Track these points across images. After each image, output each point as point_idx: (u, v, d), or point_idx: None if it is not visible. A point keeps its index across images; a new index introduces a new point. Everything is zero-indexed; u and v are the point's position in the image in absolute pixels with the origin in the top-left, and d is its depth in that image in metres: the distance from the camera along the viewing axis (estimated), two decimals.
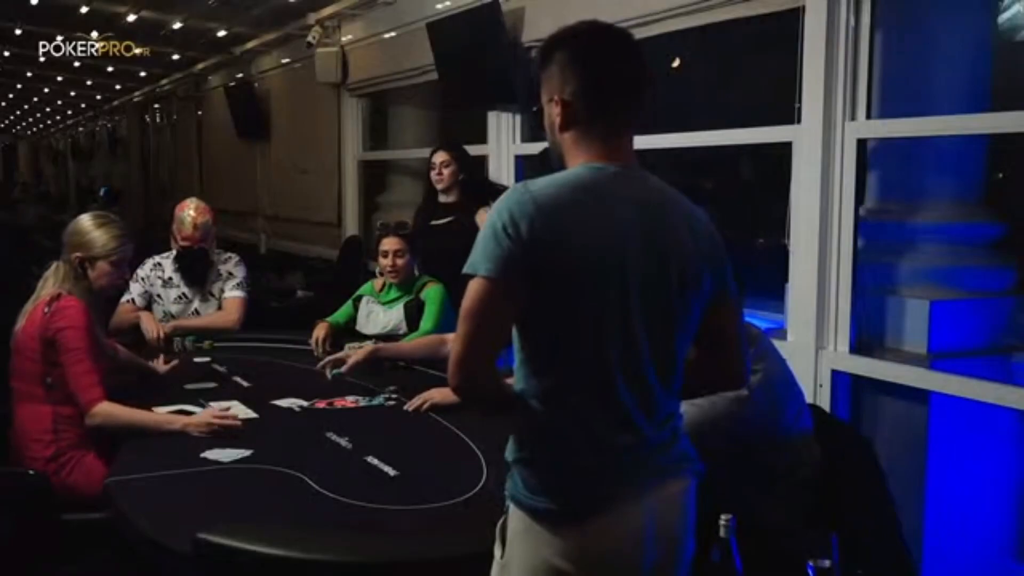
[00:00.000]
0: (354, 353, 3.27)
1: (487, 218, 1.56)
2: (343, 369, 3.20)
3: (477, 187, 4.45)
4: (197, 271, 4.03)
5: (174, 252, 4.08)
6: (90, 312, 2.80)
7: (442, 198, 4.46)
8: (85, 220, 2.96)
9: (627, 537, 1.56)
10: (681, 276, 1.60)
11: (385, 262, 3.79)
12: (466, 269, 1.54)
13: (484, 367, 1.56)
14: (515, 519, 1.61)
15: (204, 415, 2.70)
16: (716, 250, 1.67)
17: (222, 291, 4.07)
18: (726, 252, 1.69)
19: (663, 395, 1.61)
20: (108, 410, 2.66)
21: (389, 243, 3.78)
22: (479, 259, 1.52)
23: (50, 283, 2.84)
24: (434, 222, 4.43)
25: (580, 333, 1.54)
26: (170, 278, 4.05)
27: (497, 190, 4.47)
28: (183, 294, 4.05)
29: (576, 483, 1.56)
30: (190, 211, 4.03)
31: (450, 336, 3.18)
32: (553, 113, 1.65)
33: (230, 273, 4.12)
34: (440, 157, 4.41)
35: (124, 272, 3.01)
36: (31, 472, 2.61)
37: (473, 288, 1.53)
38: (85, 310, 2.76)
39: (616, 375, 1.55)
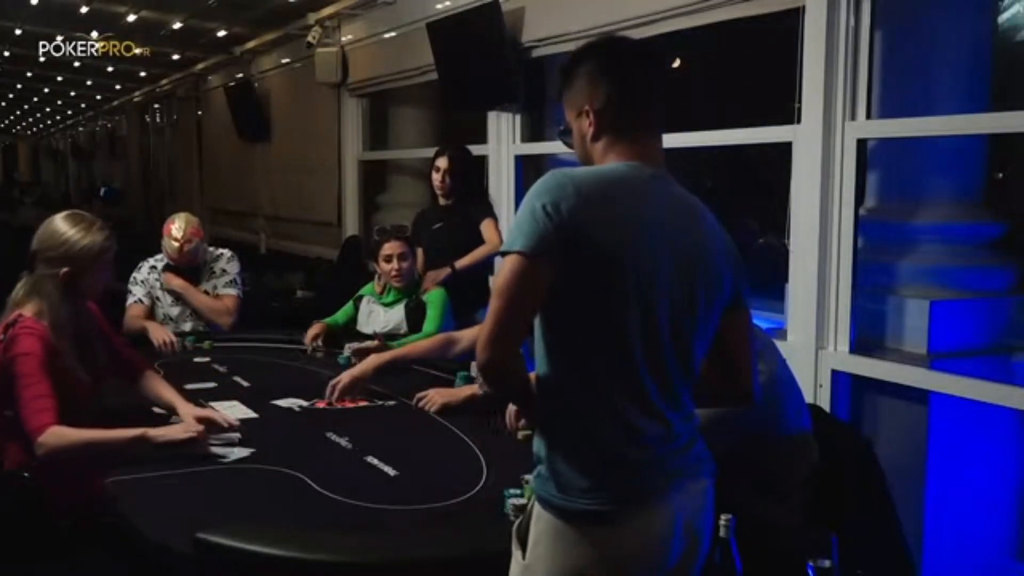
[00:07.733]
0: (359, 363, 3.07)
1: (525, 200, 1.58)
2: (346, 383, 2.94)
3: (473, 194, 4.44)
4: (186, 276, 4.02)
5: (164, 261, 4.06)
6: (57, 333, 2.48)
7: (441, 201, 4.46)
8: (63, 226, 2.56)
9: (657, 539, 1.58)
10: (706, 279, 1.63)
11: (389, 266, 3.75)
12: (503, 248, 1.57)
13: (513, 345, 1.57)
14: (542, 520, 1.59)
15: (177, 427, 2.49)
16: (735, 258, 1.72)
17: (215, 288, 4.06)
18: (742, 261, 1.73)
19: (684, 390, 1.64)
20: (58, 432, 2.33)
21: (391, 247, 3.75)
22: (515, 237, 1.54)
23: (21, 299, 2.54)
24: (434, 226, 4.43)
25: (603, 320, 1.55)
26: None
27: (487, 202, 4.49)
28: (180, 296, 4.04)
29: (610, 479, 1.56)
30: (175, 237, 3.94)
31: (458, 334, 3.20)
32: (584, 125, 1.69)
33: (223, 270, 4.11)
34: (442, 163, 4.39)
35: (113, 270, 2.67)
36: (25, 475, 2.49)
37: (507, 265, 1.55)
38: (42, 335, 2.45)
39: (640, 365, 1.56)
